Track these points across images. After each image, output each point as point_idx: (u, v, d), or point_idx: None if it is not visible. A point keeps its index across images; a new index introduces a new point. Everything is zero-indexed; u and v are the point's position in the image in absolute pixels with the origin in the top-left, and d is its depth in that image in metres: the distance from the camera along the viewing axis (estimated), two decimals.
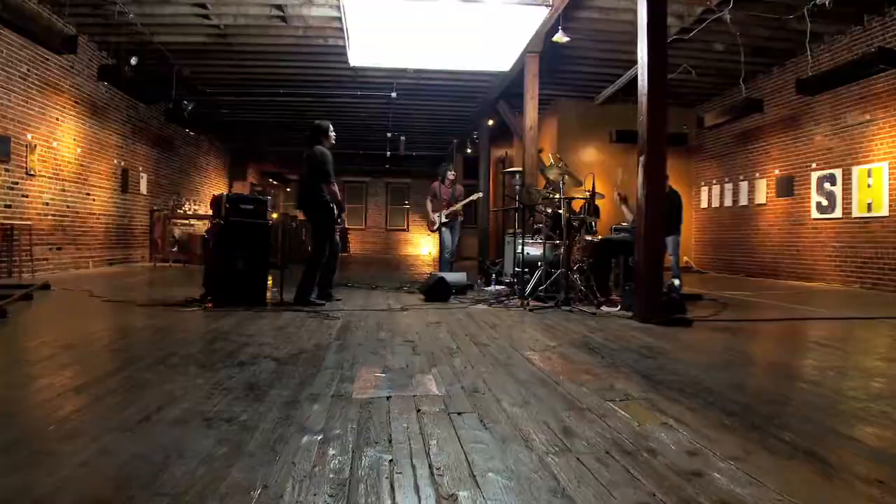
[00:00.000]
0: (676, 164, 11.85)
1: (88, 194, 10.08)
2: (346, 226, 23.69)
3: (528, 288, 5.99)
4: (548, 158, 6.78)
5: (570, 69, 10.71)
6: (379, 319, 4.79)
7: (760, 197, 10.88)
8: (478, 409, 2.31)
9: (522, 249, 6.24)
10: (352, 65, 8.28)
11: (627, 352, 3.57)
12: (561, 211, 6.12)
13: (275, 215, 16.51)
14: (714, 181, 12.41)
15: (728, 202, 11.91)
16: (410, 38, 7.38)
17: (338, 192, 5.72)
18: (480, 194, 8.64)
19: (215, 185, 18.12)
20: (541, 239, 6.59)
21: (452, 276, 6.83)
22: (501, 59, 8.25)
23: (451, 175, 8.23)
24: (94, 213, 10.33)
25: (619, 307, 5.61)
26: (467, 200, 8.37)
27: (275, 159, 20.25)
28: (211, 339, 3.76)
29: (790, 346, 4.21)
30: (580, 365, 3.19)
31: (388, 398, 2.46)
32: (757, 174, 11.01)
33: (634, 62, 10.31)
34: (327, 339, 3.84)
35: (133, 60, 8.79)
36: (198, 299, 5.54)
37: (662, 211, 4.92)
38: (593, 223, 6.62)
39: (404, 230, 24.70)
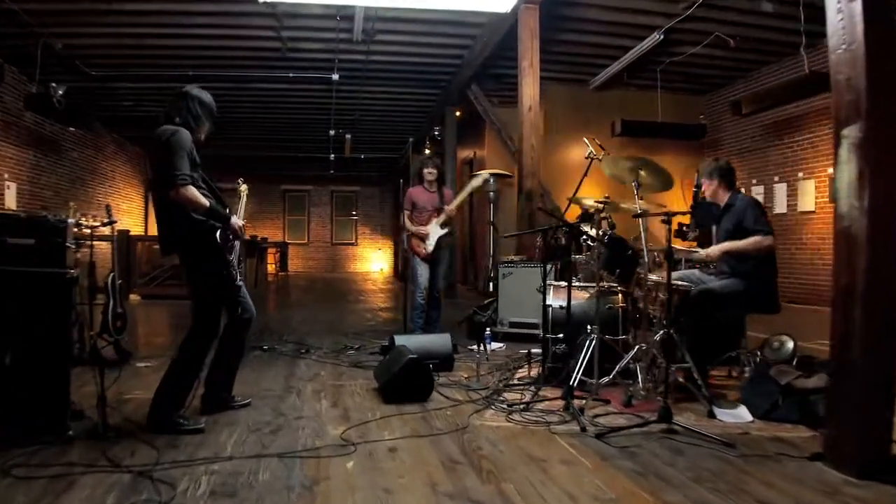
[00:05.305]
0: (686, 162, 9.49)
1: None
2: (287, 240, 20.56)
3: (575, 374, 3.30)
4: (596, 148, 4.18)
5: (564, 39, 8.15)
6: None
7: (807, 202, 8.59)
8: None
9: (551, 303, 3.56)
10: None
11: None
12: (615, 234, 3.56)
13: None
14: (737, 183, 10.12)
15: None
16: None
17: (197, 197, 2.89)
18: (485, 174, 5.91)
19: (125, 197, 14.84)
20: (579, 280, 3.99)
21: (425, 343, 4.09)
22: None
23: (429, 173, 5.34)
24: None
25: (741, 411, 3.07)
26: (466, 191, 5.42)
27: (209, 165, 17.01)
28: None
29: None
30: None
31: None
32: (800, 174, 8.74)
33: (651, 28, 7.92)
34: None
35: None
36: None
37: None
38: (655, 254, 3.99)
39: (352, 244, 21.79)
